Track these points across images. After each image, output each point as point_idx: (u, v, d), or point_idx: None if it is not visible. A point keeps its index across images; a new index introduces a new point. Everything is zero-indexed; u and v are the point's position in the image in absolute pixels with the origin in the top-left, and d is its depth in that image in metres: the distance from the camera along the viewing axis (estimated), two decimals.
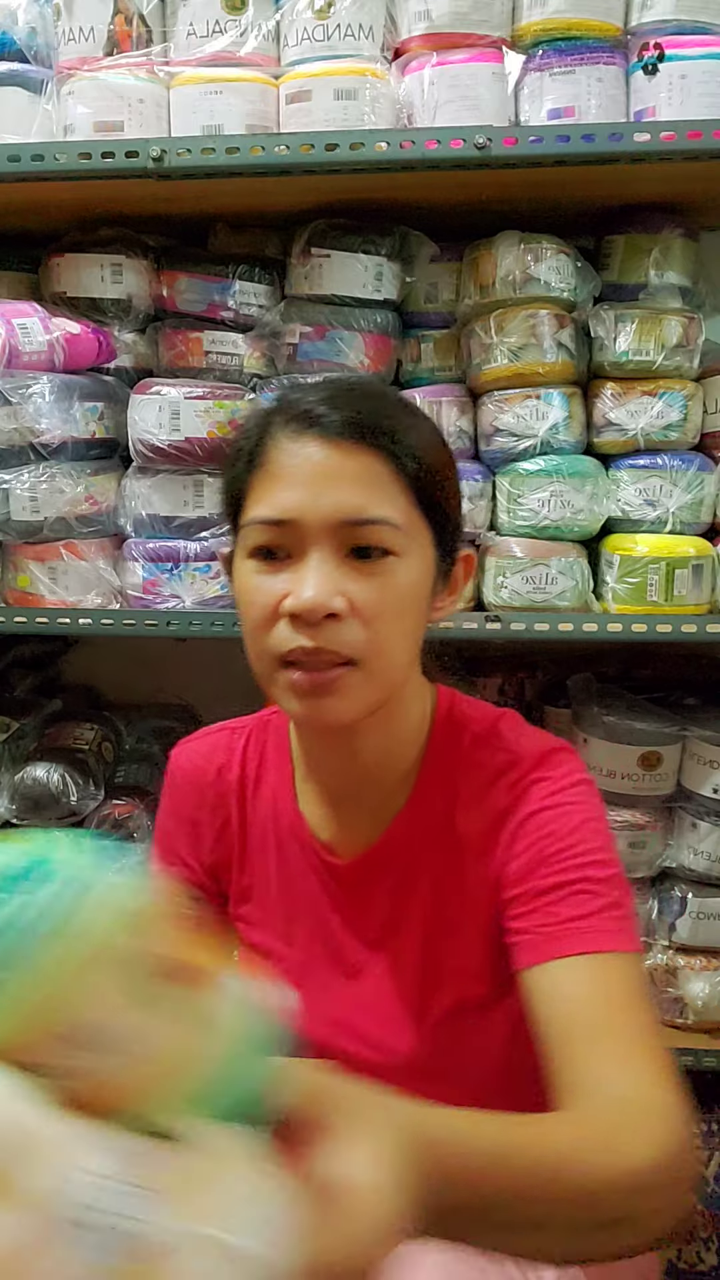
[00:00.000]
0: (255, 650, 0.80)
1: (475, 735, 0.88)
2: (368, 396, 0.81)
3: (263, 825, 0.94)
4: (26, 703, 1.88)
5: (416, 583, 0.80)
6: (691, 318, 1.44)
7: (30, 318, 1.42)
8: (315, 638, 0.75)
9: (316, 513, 0.76)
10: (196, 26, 1.38)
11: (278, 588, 0.77)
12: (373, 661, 0.77)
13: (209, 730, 1.00)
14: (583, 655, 1.77)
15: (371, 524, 0.76)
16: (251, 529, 0.79)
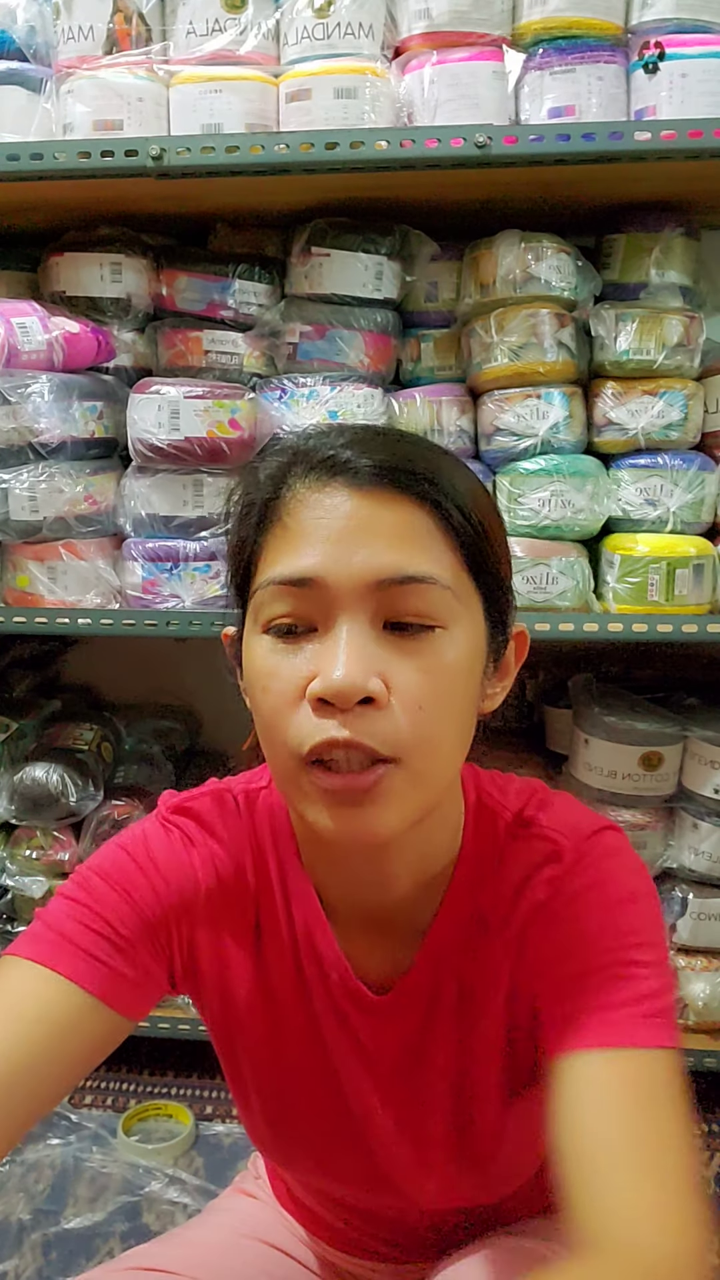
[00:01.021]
0: (273, 747, 0.65)
1: (508, 825, 0.74)
2: (400, 440, 0.68)
3: (278, 943, 0.77)
4: (26, 703, 1.88)
5: (467, 662, 0.65)
6: (692, 317, 1.44)
7: (29, 317, 1.42)
8: (348, 726, 0.60)
9: (346, 571, 0.61)
10: (196, 25, 1.38)
11: (300, 667, 0.62)
12: (418, 760, 0.62)
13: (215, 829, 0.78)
14: (583, 655, 1.77)
15: (414, 582, 0.62)
16: (266, 594, 0.64)
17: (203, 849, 0.76)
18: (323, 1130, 0.79)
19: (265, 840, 0.77)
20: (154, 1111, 1.62)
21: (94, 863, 0.76)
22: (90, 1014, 0.69)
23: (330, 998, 0.76)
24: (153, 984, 0.75)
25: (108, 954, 0.71)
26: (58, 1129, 1.56)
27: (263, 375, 1.52)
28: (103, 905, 0.73)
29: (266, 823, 0.78)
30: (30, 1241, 1.36)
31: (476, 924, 0.74)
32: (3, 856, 1.67)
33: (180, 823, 0.78)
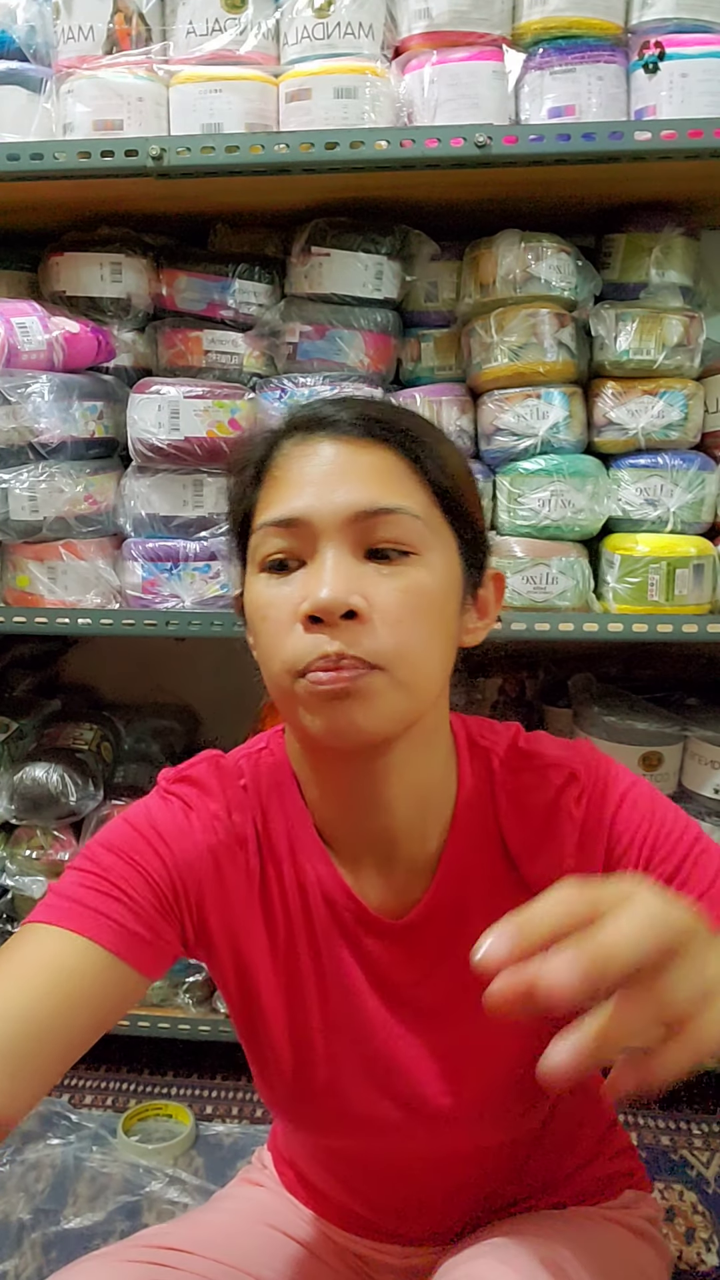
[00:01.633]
0: (272, 668, 0.71)
1: (503, 760, 0.81)
2: (379, 401, 0.77)
3: (284, 893, 0.81)
4: (26, 703, 1.88)
5: (442, 587, 0.72)
6: (692, 317, 1.44)
7: (29, 317, 1.42)
8: (335, 637, 0.67)
9: (328, 507, 0.69)
10: (196, 25, 1.38)
11: (292, 595, 0.70)
12: (400, 668, 0.68)
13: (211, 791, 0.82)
14: (583, 655, 1.77)
15: (387, 513, 0.69)
16: (259, 537, 0.72)
17: (201, 812, 0.81)
18: (350, 1072, 0.82)
19: (269, 795, 0.82)
20: (154, 1111, 1.62)
21: (100, 838, 0.80)
22: (109, 969, 0.74)
23: (346, 934, 0.80)
24: (166, 946, 0.79)
25: (121, 915, 0.75)
26: (58, 1129, 1.56)
27: (263, 375, 1.52)
28: (112, 874, 0.77)
29: (269, 779, 0.83)
30: (30, 1241, 1.36)
31: (500, 854, 0.79)
32: (3, 856, 1.67)
33: (179, 790, 0.82)
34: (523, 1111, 0.85)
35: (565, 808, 0.78)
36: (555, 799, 0.78)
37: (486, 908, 0.76)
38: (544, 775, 0.79)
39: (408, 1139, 0.84)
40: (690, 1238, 1.39)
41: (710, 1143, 1.56)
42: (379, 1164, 0.89)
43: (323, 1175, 0.96)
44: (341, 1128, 0.85)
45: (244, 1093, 1.66)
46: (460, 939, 0.76)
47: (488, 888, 0.79)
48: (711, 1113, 1.62)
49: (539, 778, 0.79)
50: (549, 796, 0.78)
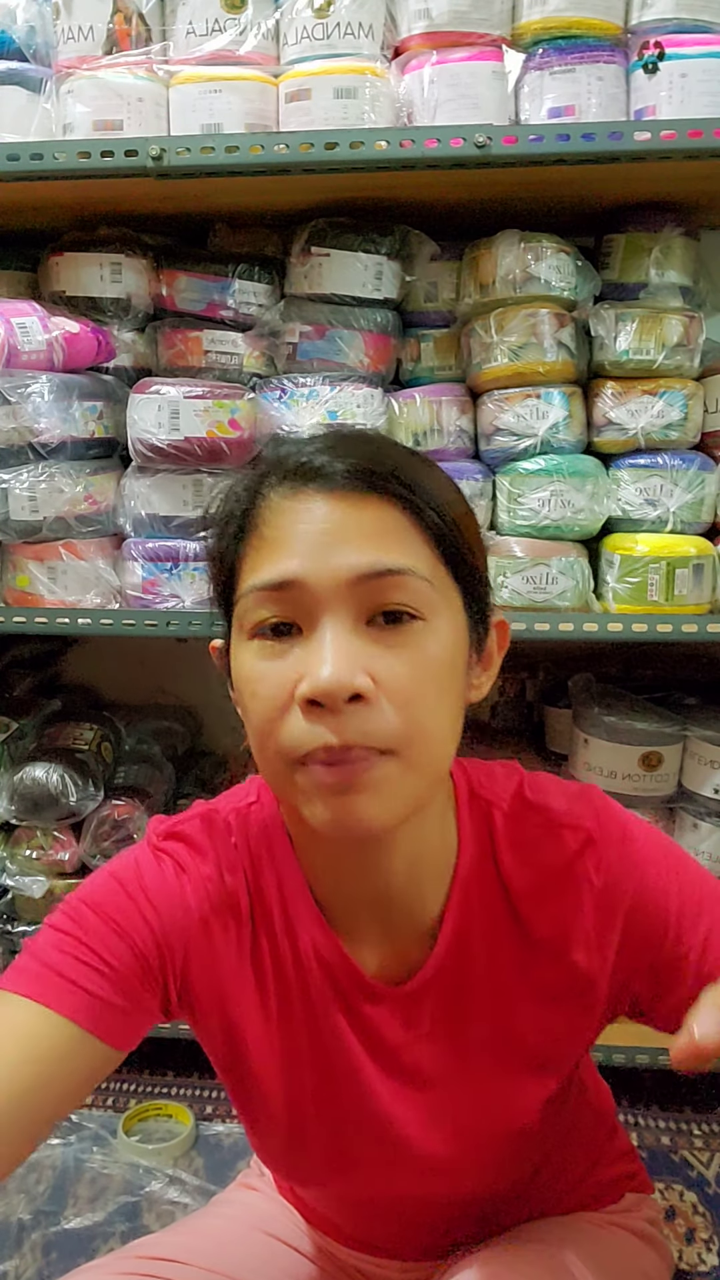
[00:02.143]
0: (265, 752, 0.65)
1: (506, 814, 0.76)
2: (370, 441, 0.69)
3: (277, 957, 0.77)
4: (26, 703, 1.88)
5: (451, 652, 0.66)
6: (692, 317, 1.44)
7: (29, 317, 1.42)
8: (341, 731, 0.61)
9: (326, 570, 0.62)
10: (196, 25, 1.38)
11: (287, 671, 0.63)
12: (411, 750, 0.63)
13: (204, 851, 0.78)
14: (583, 655, 1.77)
15: (392, 575, 0.62)
16: (250, 601, 0.65)
17: (194, 874, 0.76)
18: (346, 1133, 0.79)
19: (261, 856, 0.77)
20: (154, 1112, 1.62)
21: (84, 893, 0.75)
22: (79, 1046, 0.70)
23: (342, 999, 0.76)
24: (144, 1014, 0.75)
25: (97, 985, 0.71)
26: (58, 1129, 1.56)
27: (263, 375, 1.52)
28: (91, 936, 0.72)
29: (261, 838, 0.78)
30: (30, 1241, 1.36)
31: (503, 909, 0.75)
32: (3, 856, 1.67)
33: (171, 849, 0.77)
34: (521, 1161, 0.83)
35: (583, 873, 0.74)
36: (571, 863, 0.74)
37: (489, 968, 0.75)
38: (558, 835, 0.75)
39: (405, 1188, 0.82)
40: (690, 1238, 1.39)
41: (710, 1143, 1.56)
42: (377, 1202, 0.88)
43: (320, 1203, 0.95)
44: (336, 1180, 0.82)
45: None
46: (460, 1001, 0.76)
47: (490, 946, 0.75)
48: (711, 1112, 1.62)
49: (551, 837, 0.75)
50: (564, 859, 0.74)
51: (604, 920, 0.74)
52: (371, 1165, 0.80)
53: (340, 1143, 0.80)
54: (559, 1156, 0.92)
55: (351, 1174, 0.81)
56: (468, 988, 0.76)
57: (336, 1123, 0.79)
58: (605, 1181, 0.98)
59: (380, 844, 0.70)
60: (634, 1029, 1.35)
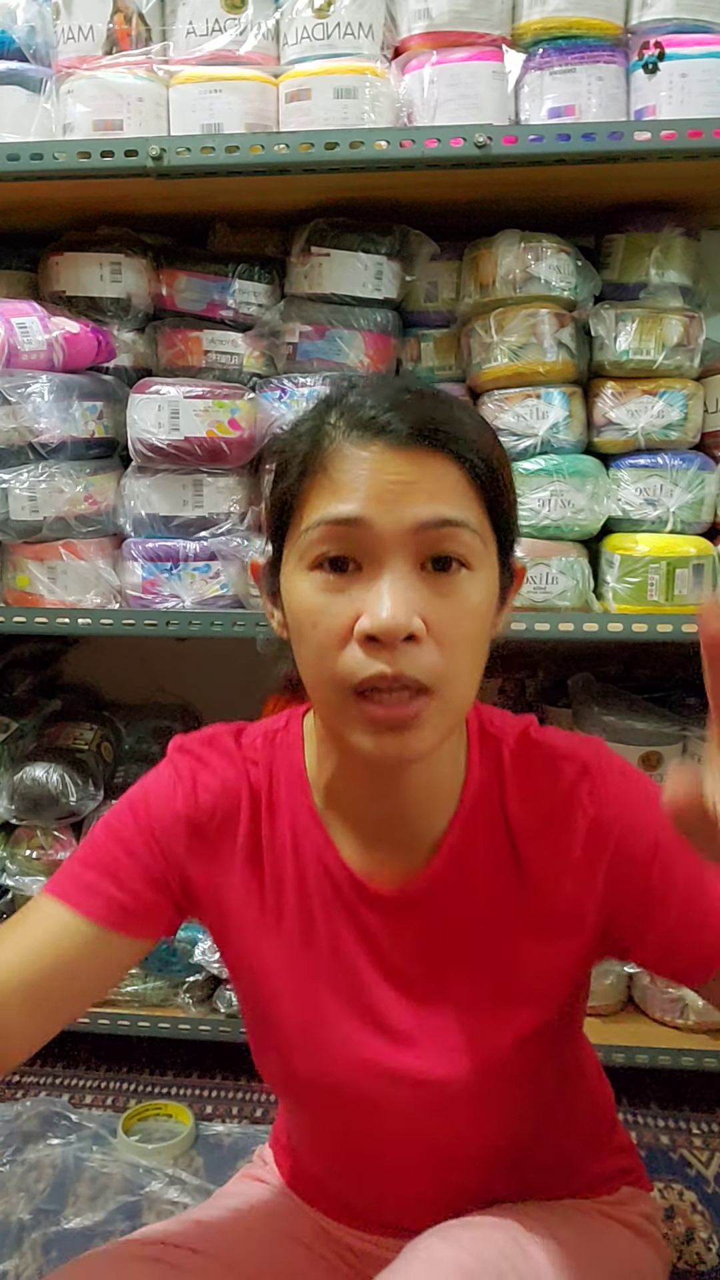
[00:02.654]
0: (321, 677, 0.71)
1: (513, 751, 0.83)
2: (431, 400, 0.73)
3: (280, 854, 0.84)
4: (26, 703, 1.88)
5: (487, 600, 0.74)
6: (692, 317, 1.44)
7: (29, 317, 1.42)
8: (394, 663, 0.68)
9: (391, 517, 0.68)
10: (196, 25, 1.38)
11: (347, 607, 0.69)
12: (448, 689, 0.70)
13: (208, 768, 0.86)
14: (583, 655, 1.77)
15: (450, 526, 0.69)
16: (315, 533, 0.70)
17: (187, 781, 0.85)
18: (346, 1035, 0.83)
19: (277, 772, 0.85)
20: (154, 1111, 1.62)
21: (105, 814, 0.88)
22: (98, 939, 0.81)
23: (345, 906, 0.82)
24: (158, 913, 0.85)
25: (108, 889, 0.82)
26: (58, 1129, 1.56)
27: (263, 375, 1.52)
28: (101, 849, 0.84)
29: (281, 756, 0.86)
30: (30, 1241, 1.36)
31: (503, 836, 0.81)
32: (3, 856, 1.67)
33: (176, 760, 0.88)
34: (517, 1088, 0.86)
35: (578, 800, 0.80)
36: (569, 791, 0.80)
37: (485, 890, 0.81)
38: (556, 766, 0.81)
39: (404, 1116, 0.85)
40: (690, 1237, 1.39)
41: (710, 1142, 1.56)
42: (378, 1151, 0.90)
43: (322, 1167, 0.97)
44: (338, 1097, 0.85)
45: (244, 1093, 1.66)
46: (458, 915, 0.81)
47: (487, 869, 0.81)
48: (711, 1113, 1.62)
49: (551, 768, 0.82)
50: (562, 788, 0.80)
51: (594, 848, 0.80)
52: (369, 1077, 0.83)
53: (339, 1048, 0.83)
54: (555, 1139, 0.93)
55: (351, 1093, 0.84)
56: (463, 906, 0.81)
57: (336, 1024, 0.83)
58: (602, 1173, 0.98)
59: (403, 769, 0.77)
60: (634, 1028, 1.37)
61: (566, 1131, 0.94)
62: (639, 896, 0.80)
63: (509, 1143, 0.90)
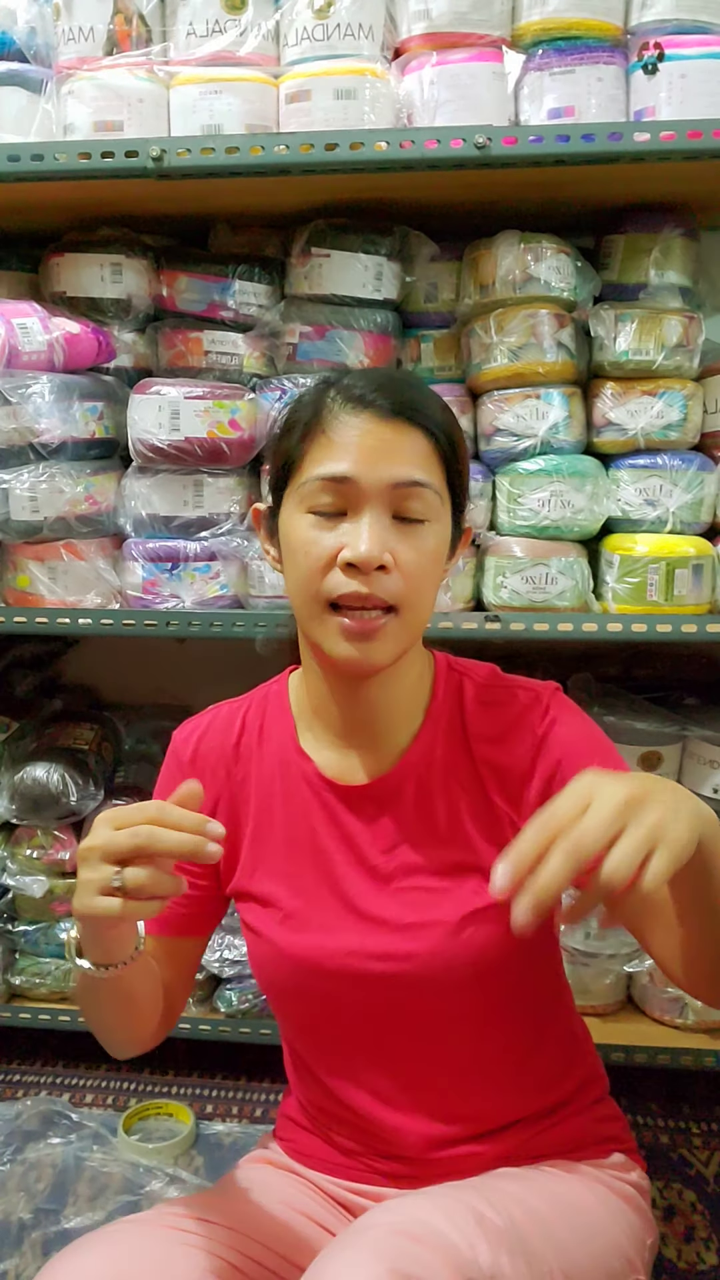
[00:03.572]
0: (305, 593, 0.89)
1: (477, 683, 0.99)
2: (409, 384, 0.92)
3: (268, 777, 1.00)
4: (26, 703, 1.88)
5: (441, 546, 0.92)
6: (691, 317, 1.44)
7: (30, 317, 1.42)
8: (366, 584, 0.86)
9: (373, 474, 0.86)
10: (196, 26, 1.38)
11: (334, 541, 0.87)
12: (408, 611, 0.88)
13: (211, 710, 1.07)
14: (583, 655, 1.77)
15: (418, 486, 0.87)
16: (313, 485, 0.88)
17: (185, 731, 1.06)
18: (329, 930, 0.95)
19: (264, 710, 1.03)
20: (154, 1111, 1.62)
21: None
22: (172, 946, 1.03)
23: (322, 807, 0.98)
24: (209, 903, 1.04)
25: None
26: (58, 1128, 1.57)
27: (263, 376, 1.52)
28: None
29: (270, 699, 1.04)
30: (30, 1240, 1.36)
31: (461, 748, 0.96)
32: (3, 856, 1.67)
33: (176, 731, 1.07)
34: (480, 971, 0.94)
35: (529, 723, 0.95)
36: (521, 714, 0.96)
37: (444, 789, 0.96)
38: (513, 693, 0.98)
39: (380, 993, 0.94)
40: (690, 1237, 1.39)
41: (709, 1142, 1.56)
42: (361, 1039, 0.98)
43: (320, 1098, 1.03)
44: (322, 978, 0.95)
45: (244, 1092, 1.67)
46: (419, 810, 0.96)
47: (445, 771, 0.96)
48: (711, 1112, 1.62)
49: (508, 694, 0.98)
50: (515, 711, 0.96)
51: (538, 759, 0.94)
52: (343, 957, 0.94)
53: (317, 934, 0.96)
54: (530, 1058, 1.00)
55: (327, 971, 0.95)
56: (423, 803, 0.96)
57: (315, 911, 0.96)
58: (592, 1133, 1.02)
59: (368, 681, 0.94)
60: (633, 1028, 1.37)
61: (539, 1051, 1.00)
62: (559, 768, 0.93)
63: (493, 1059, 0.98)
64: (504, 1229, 0.83)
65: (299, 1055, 1.06)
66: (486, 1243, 0.80)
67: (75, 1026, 1.68)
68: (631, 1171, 1.01)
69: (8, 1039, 1.79)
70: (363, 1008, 0.96)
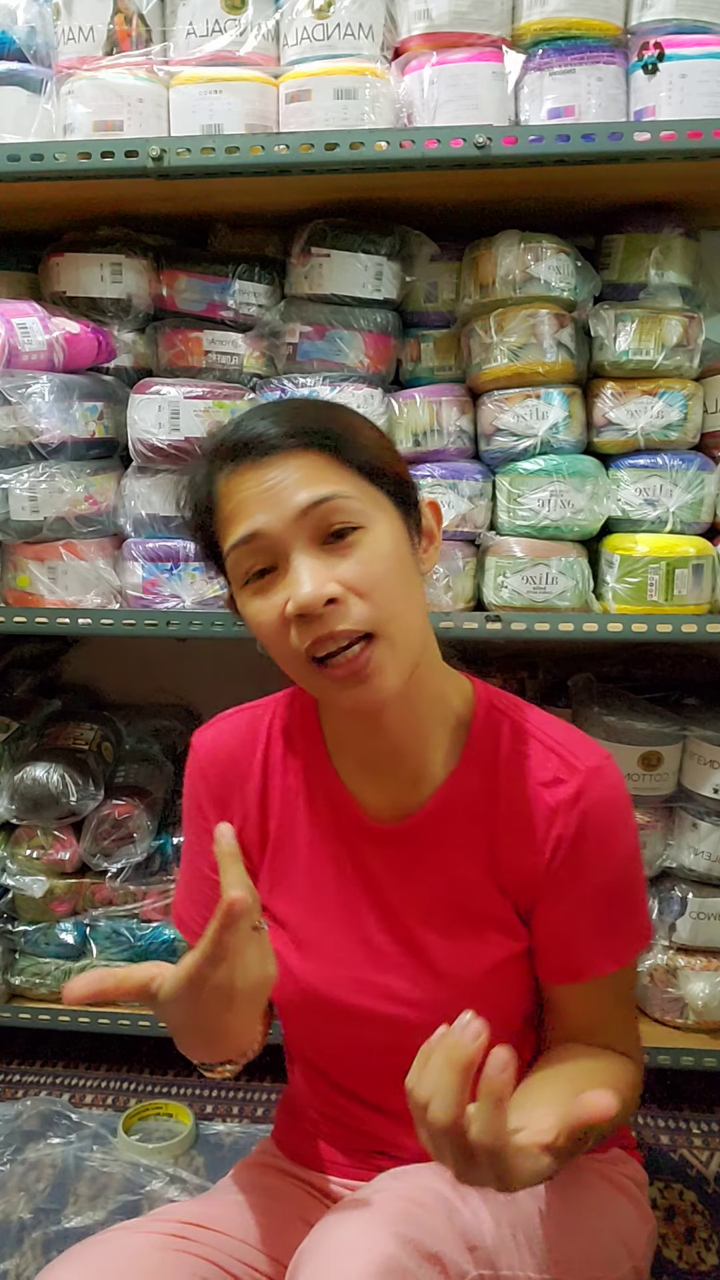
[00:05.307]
0: (284, 661, 0.84)
1: (514, 727, 0.93)
2: (284, 410, 0.86)
3: (292, 793, 0.96)
4: (26, 703, 1.88)
5: (394, 545, 0.83)
6: (691, 317, 1.44)
7: (30, 317, 1.42)
8: (324, 625, 0.79)
9: (276, 514, 0.80)
10: (196, 26, 1.38)
11: (277, 600, 0.81)
12: (386, 627, 0.81)
13: (231, 713, 1.03)
14: (583, 655, 1.77)
15: (325, 501, 0.80)
16: (233, 558, 0.84)
17: (211, 729, 1.02)
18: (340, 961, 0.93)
19: (293, 724, 0.98)
20: (154, 1111, 1.62)
21: None
22: None
23: (345, 838, 0.94)
24: None
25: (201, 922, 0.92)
26: (58, 1128, 1.57)
27: (263, 376, 1.52)
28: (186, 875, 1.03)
29: (298, 711, 0.98)
30: (31, 1240, 1.36)
31: (484, 802, 0.91)
32: (3, 856, 1.67)
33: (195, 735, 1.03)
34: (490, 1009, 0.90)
35: (557, 819, 0.89)
36: (553, 810, 0.89)
37: (470, 836, 0.91)
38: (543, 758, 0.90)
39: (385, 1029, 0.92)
40: (690, 1237, 1.39)
41: (710, 1142, 1.56)
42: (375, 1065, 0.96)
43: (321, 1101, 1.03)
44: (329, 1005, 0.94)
45: (244, 1092, 1.67)
46: (440, 858, 0.92)
47: (471, 818, 0.91)
48: (711, 1112, 1.62)
49: (539, 757, 0.90)
50: (548, 802, 0.89)
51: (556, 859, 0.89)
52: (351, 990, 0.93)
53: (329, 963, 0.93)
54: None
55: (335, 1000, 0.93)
56: (445, 851, 0.92)
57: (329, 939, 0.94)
58: None
59: (383, 712, 0.87)
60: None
61: None
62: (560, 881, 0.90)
63: None
64: (507, 1203, 0.84)
65: (301, 1058, 1.06)
66: (491, 1216, 0.83)
67: (75, 1026, 1.68)
68: (628, 1165, 1.02)
69: (8, 1039, 1.79)
70: (370, 1040, 0.95)
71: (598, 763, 0.91)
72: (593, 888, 0.90)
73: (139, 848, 1.66)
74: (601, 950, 0.91)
